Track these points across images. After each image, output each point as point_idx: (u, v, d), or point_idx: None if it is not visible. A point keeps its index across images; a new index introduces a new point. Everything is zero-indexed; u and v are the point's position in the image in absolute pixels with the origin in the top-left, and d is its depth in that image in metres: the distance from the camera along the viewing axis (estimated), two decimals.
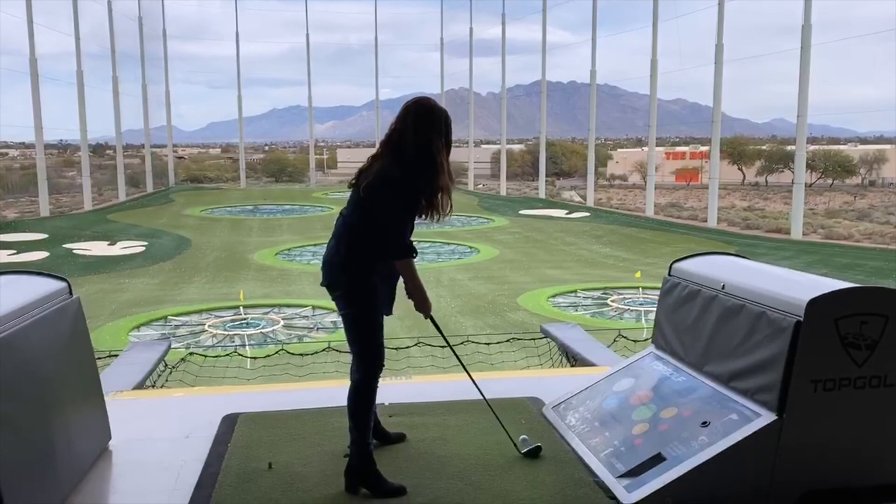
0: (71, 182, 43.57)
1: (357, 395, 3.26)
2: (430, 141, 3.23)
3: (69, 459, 3.18)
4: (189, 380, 7.45)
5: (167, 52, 49.03)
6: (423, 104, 3.32)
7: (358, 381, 3.27)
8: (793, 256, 21.25)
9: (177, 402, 4.89)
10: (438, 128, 3.27)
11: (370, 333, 3.28)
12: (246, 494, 3.16)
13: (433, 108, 3.32)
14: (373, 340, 3.28)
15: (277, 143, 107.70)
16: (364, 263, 3.23)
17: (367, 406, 3.27)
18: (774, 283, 3.44)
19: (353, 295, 3.26)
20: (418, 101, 3.33)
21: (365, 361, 3.27)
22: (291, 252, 23.50)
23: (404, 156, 3.22)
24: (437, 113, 3.29)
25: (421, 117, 3.26)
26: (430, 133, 3.24)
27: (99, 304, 14.66)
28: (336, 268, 3.28)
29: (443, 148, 3.27)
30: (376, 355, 3.28)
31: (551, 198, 42.50)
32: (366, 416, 3.26)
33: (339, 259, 3.27)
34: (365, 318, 3.27)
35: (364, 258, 3.23)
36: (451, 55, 52.27)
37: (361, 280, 3.23)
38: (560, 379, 5.10)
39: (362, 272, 3.23)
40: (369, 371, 3.26)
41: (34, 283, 3.44)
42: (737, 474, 3.02)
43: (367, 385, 3.27)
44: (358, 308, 3.27)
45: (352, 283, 3.25)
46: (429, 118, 3.26)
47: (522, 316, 13.80)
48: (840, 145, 57.57)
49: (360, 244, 3.24)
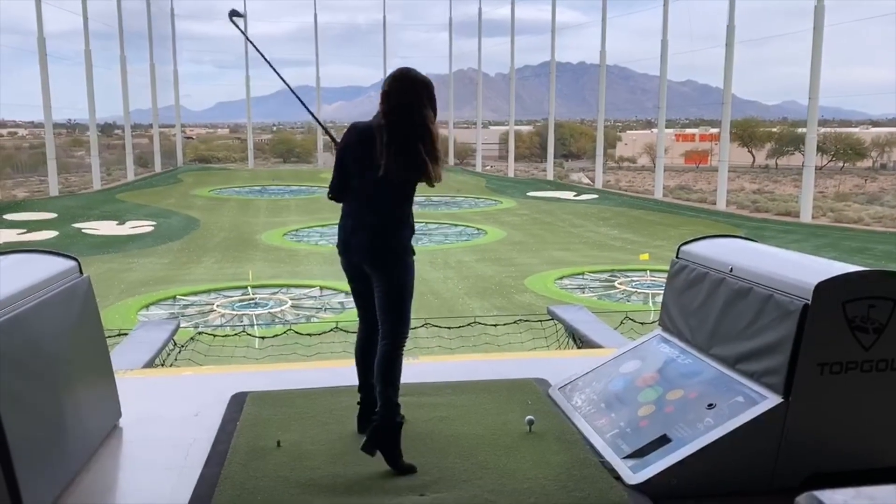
0: (80, 162, 43.70)
1: (391, 361, 3.30)
2: (427, 115, 3.27)
3: (80, 436, 3.21)
4: (198, 359, 7.51)
5: (175, 31, 48.94)
6: (408, 78, 3.30)
7: (389, 347, 3.30)
8: (802, 240, 21.16)
9: (186, 380, 4.93)
10: (433, 100, 3.31)
11: (409, 301, 3.37)
12: (255, 472, 3.19)
13: (419, 79, 3.31)
14: (409, 308, 3.37)
15: (285, 123, 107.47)
16: (405, 233, 3.32)
17: (398, 373, 3.32)
18: (782, 266, 3.43)
19: (400, 263, 3.31)
20: (402, 77, 3.30)
21: (400, 329, 3.33)
22: (299, 233, 23.55)
23: (411, 131, 3.24)
24: (423, 83, 3.30)
25: (408, 91, 3.26)
26: (424, 107, 3.27)
27: (108, 283, 14.76)
28: (380, 239, 3.30)
29: (432, 116, 3.32)
30: (409, 322, 3.39)
31: (559, 179, 42.38)
32: (397, 383, 3.31)
33: (383, 231, 3.30)
34: (410, 287, 3.35)
35: (403, 228, 3.32)
36: (459, 35, 52.01)
37: (406, 249, 3.32)
38: (566, 360, 5.11)
39: (406, 241, 3.32)
40: (401, 337, 3.34)
41: (44, 262, 3.46)
42: (742, 456, 3.03)
43: (398, 351, 3.33)
44: (407, 276, 3.33)
45: (401, 254, 3.31)
46: (415, 89, 3.27)
47: (529, 298, 13.82)
48: (851, 128, 57.11)
49: (396, 217, 3.31)
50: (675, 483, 3.01)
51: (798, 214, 26.13)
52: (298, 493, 3.03)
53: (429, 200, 31.56)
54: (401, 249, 3.31)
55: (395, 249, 3.30)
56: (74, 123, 55.98)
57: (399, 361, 3.33)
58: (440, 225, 24.40)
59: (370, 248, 3.30)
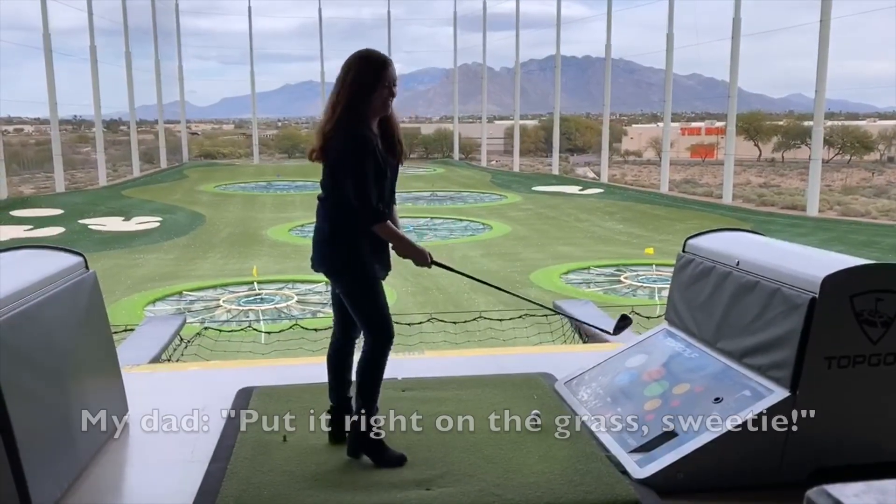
0: (85, 158, 43.76)
1: (365, 369, 3.25)
2: (355, 92, 3.09)
3: (87, 431, 3.23)
4: (204, 354, 7.53)
5: (180, 27, 48.94)
6: (351, 58, 3.17)
7: (365, 353, 3.26)
8: (809, 233, 21.07)
9: (192, 375, 4.94)
10: (365, 76, 3.10)
11: (371, 305, 3.23)
12: (261, 467, 3.20)
13: (361, 58, 3.15)
14: (376, 312, 3.23)
15: (290, 118, 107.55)
16: (347, 236, 3.16)
17: (373, 379, 3.25)
18: (789, 259, 3.42)
19: (344, 270, 3.22)
20: (349, 59, 3.17)
21: (373, 335, 3.24)
22: (305, 228, 23.52)
23: (339, 116, 3.11)
24: (360, 60, 3.14)
25: (346, 71, 3.13)
26: (355, 84, 3.10)
27: (114, 279, 14.79)
28: (319, 245, 3.24)
29: (369, 95, 3.09)
30: (382, 327, 3.23)
31: (565, 174, 42.25)
32: (371, 389, 3.25)
33: (322, 235, 3.23)
34: (362, 292, 3.22)
35: (346, 230, 3.16)
36: (464, 30, 52.00)
37: (348, 253, 3.17)
38: (572, 355, 5.11)
39: (347, 245, 3.17)
40: (377, 343, 3.22)
41: (51, 258, 3.47)
42: (749, 451, 3.02)
43: (374, 358, 3.23)
44: (353, 282, 3.23)
45: (338, 258, 3.20)
46: (350, 69, 3.13)
47: (535, 292, 13.80)
48: (858, 121, 56.79)
49: (339, 217, 3.17)
50: (682, 477, 3.01)
51: (805, 208, 26.00)
52: (304, 488, 3.03)
53: (434, 196, 31.54)
54: None
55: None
56: (80, 120, 56.08)
57: (370, 370, 3.27)
58: (445, 220, 24.37)
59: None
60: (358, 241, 3.16)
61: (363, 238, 3.15)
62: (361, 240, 3.15)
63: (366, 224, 3.12)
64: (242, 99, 67.20)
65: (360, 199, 3.07)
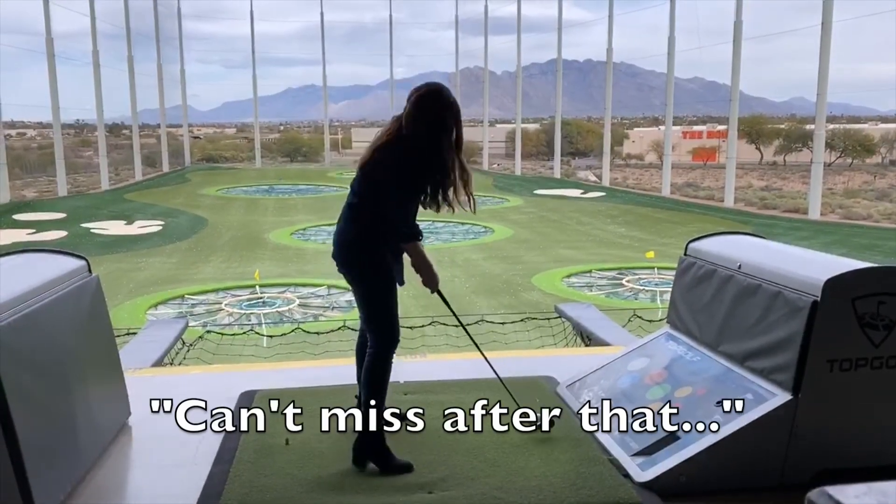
0: (88, 162, 43.82)
1: (372, 369, 3.29)
2: (439, 140, 3.17)
3: (90, 434, 3.23)
4: (206, 357, 7.54)
5: (182, 31, 49.05)
6: (430, 95, 3.22)
7: (373, 355, 3.30)
8: (810, 237, 21.07)
9: (195, 379, 4.94)
10: (445, 123, 3.19)
11: (385, 309, 3.30)
12: (263, 470, 3.20)
13: (440, 99, 3.21)
14: (388, 316, 3.30)
15: (292, 122, 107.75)
16: (374, 241, 3.25)
17: (381, 381, 3.30)
18: (791, 262, 3.42)
19: (367, 272, 3.29)
20: (425, 93, 3.22)
21: (380, 337, 3.30)
22: (307, 232, 23.59)
23: (411, 148, 3.17)
24: (443, 105, 3.20)
25: (428, 111, 3.18)
26: (438, 131, 3.17)
27: (117, 282, 14.81)
28: (347, 246, 3.31)
29: (451, 146, 3.21)
30: (392, 330, 3.31)
31: (566, 177, 42.29)
32: (380, 391, 3.28)
33: (349, 237, 3.30)
34: (379, 295, 3.30)
35: (373, 236, 3.25)
36: (465, 33, 52.13)
37: (374, 257, 3.26)
38: (574, 358, 5.10)
39: (374, 249, 3.25)
40: (383, 345, 3.29)
41: (54, 262, 3.48)
42: (751, 454, 3.02)
43: (382, 360, 3.29)
44: (373, 285, 3.30)
45: (365, 260, 3.28)
46: (436, 113, 3.18)
47: (537, 296, 13.80)
48: (860, 124, 56.77)
49: (368, 223, 3.25)
50: (684, 480, 3.01)
51: (806, 211, 26.00)
52: (307, 492, 3.04)
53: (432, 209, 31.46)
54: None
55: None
56: (82, 124, 56.10)
57: (378, 372, 3.30)
58: (447, 223, 24.38)
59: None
60: (382, 247, 3.27)
61: (386, 246, 3.28)
62: (385, 247, 3.27)
63: (401, 241, 3.27)
64: (245, 102, 67.34)
65: (400, 217, 3.23)
